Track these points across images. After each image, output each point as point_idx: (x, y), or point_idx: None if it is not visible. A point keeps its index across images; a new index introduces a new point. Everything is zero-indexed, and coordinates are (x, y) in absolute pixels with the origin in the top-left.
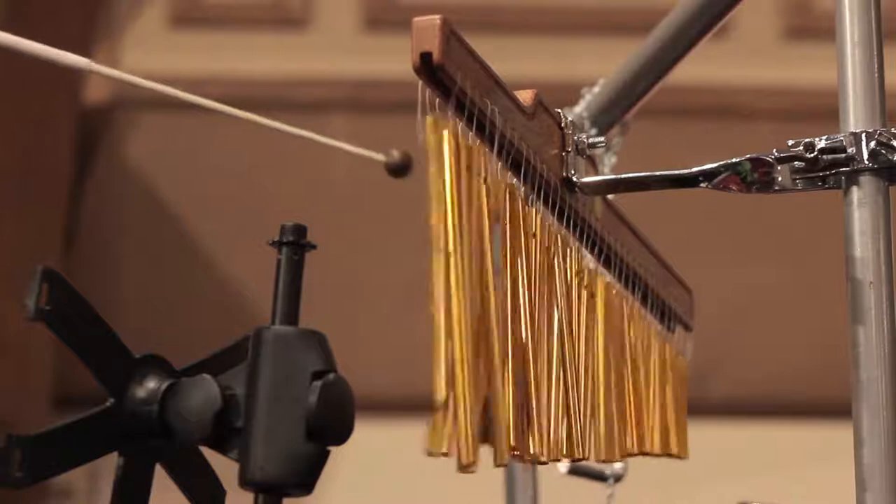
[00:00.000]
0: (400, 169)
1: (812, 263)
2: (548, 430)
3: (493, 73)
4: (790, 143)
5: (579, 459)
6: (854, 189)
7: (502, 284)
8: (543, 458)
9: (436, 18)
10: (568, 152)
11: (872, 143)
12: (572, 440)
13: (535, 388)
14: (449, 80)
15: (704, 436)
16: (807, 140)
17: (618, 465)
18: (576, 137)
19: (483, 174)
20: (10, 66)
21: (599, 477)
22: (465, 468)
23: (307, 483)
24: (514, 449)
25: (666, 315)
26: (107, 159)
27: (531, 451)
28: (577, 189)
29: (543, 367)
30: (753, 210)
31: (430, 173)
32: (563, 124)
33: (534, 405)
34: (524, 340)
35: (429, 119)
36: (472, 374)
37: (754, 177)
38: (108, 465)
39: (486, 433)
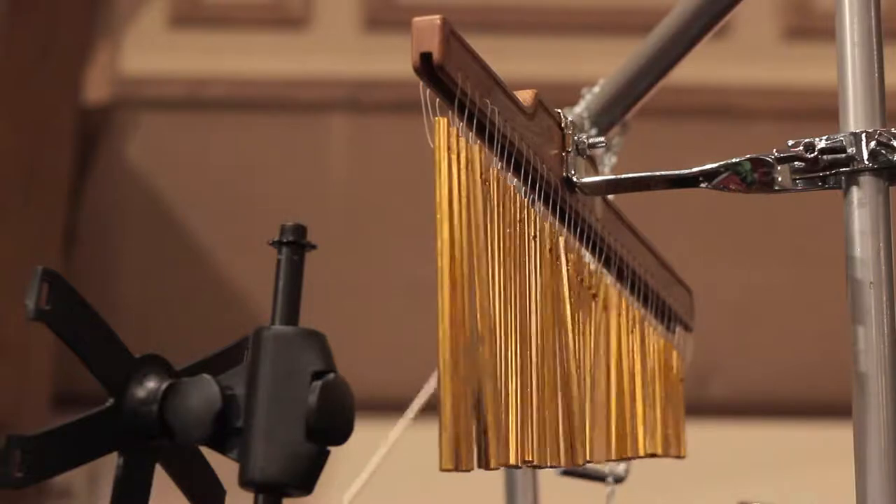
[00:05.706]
0: None
1: (812, 263)
2: (547, 432)
3: (493, 74)
4: (790, 143)
5: (581, 463)
6: (854, 189)
7: (504, 285)
8: (541, 463)
9: (436, 18)
10: (568, 152)
11: (872, 143)
12: (573, 443)
13: (536, 389)
14: (449, 80)
15: (704, 436)
16: (807, 140)
17: (620, 467)
18: (576, 137)
19: (484, 174)
20: (10, 66)
21: (598, 478)
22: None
23: (307, 483)
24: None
25: (666, 315)
26: (107, 159)
27: (530, 455)
28: (577, 189)
29: (544, 368)
30: (754, 210)
31: (437, 174)
32: (563, 124)
33: (534, 407)
34: (525, 341)
35: (438, 120)
36: (475, 378)
37: (754, 177)
38: (108, 465)
39: (487, 436)
